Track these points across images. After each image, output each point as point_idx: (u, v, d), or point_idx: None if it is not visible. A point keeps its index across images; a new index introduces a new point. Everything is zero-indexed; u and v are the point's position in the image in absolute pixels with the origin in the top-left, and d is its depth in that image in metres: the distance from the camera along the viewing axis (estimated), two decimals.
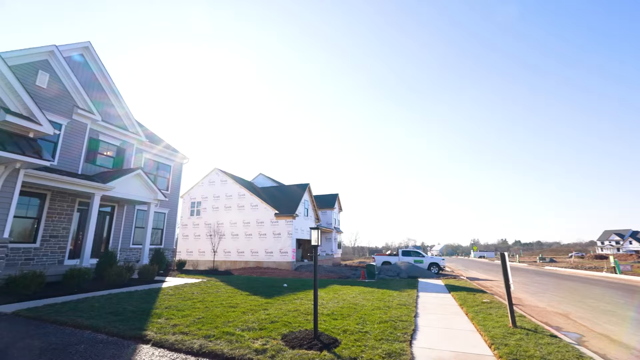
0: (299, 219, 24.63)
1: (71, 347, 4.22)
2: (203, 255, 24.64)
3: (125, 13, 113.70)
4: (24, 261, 10.50)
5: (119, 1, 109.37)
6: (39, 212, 11.08)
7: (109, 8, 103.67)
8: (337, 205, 39.38)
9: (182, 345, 4.39)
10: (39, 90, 10.88)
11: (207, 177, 26.78)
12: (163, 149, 17.15)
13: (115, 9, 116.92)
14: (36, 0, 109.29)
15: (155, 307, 6.76)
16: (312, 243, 5.21)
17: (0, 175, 7.15)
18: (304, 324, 5.75)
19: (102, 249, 13.33)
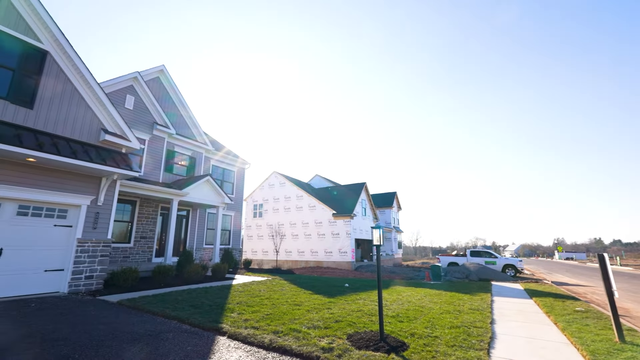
0: (357, 218, 24.45)
1: (163, 334, 4.76)
2: (266, 255, 25.99)
3: (179, 24, 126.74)
4: (122, 259, 12.28)
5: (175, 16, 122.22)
6: (131, 216, 12.87)
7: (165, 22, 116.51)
8: (396, 204, 38.16)
9: (254, 339, 4.64)
10: (127, 111, 12.64)
11: (266, 181, 28.22)
12: (227, 155, 18.55)
13: (169, 24, 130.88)
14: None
15: (227, 302, 7.30)
16: (374, 242, 5.08)
17: (103, 186, 8.47)
18: (368, 324, 5.64)
19: (180, 248, 14.93)
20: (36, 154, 6.78)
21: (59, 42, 7.88)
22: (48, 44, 7.82)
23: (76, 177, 8.05)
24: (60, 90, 7.94)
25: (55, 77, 7.90)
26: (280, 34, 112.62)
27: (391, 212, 36.10)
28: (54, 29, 7.77)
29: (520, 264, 19.28)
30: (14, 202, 7.11)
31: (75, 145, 7.80)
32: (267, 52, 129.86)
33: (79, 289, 7.80)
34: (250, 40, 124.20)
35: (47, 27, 7.71)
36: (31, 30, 7.57)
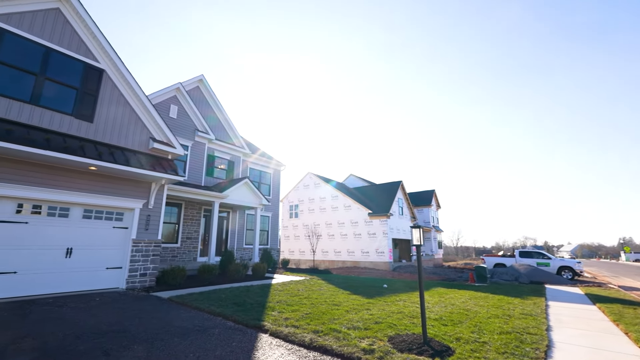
0: (394, 218, 23.90)
1: (209, 330, 5.02)
2: (303, 255, 26.35)
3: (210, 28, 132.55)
4: (171, 258, 13.16)
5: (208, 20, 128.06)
6: (178, 218, 13.75)
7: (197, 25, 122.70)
8: (435, 202, 36.71)
9: (295, 337, 4.72)
10: (171, 120, 13.54)
11: (301, 182, 28.63)
12: (263, 158, 19.12)
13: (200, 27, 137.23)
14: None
15: (268, 300, 7.50)
16: (414, 242, 4.92)
17: (153, 191, 9.16)
18: (410, 327, 5.47)
19: (222, 248, 15.66)
20: (96, 162, 7.51)
21: (113, 60, 8.67)
22: (104, 63, 8.63)
23: (130, 183, 8.78)
24: (114, 104, 8.72)
25: (110, 92, 8.69)
26: (311, 33, 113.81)
27: (430, 211, 34.79)
28: (108, 50, 8.55)
29: (579, 266, 17.54)
30: (81, 207, 7.94)
31: (128, 153, 8.52)
32: (298, 52, 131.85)
33: (134, 286, 8.49)
34: (280, 41, 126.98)
35: (103, 47, 8.51)
36: (90, 52, 8.41)
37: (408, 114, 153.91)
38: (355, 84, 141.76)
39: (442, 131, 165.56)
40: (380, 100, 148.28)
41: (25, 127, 6.91)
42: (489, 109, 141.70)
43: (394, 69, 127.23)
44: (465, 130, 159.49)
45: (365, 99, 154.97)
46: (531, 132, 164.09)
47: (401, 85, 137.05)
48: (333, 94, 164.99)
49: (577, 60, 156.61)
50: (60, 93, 7.76)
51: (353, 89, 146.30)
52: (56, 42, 7.81)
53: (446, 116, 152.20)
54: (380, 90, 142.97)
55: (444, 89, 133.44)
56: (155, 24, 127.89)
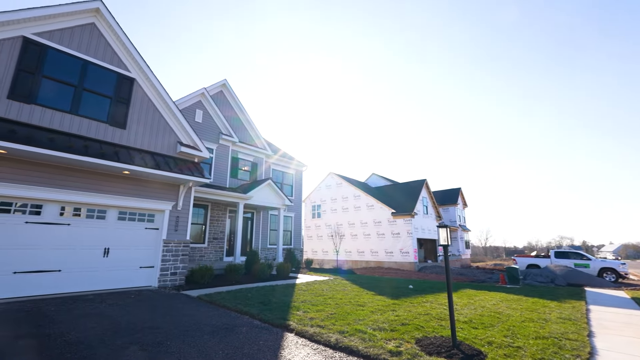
0: (418, 217, 23.38)
1: (237, 328, 5.15)
2: (326, 255, 26.38)
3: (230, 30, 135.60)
4: (198, 257, 13.62)
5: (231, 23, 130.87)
6: (204, 219, 14.20)
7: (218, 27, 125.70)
8: (461, 201, 35.55)
9: (320, 337, 4.72)
10: (197, 124, 14.02)
11: (323, 182, 28.68)
12: (285, 159, 19.34)
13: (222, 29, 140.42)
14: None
15: (293, 300, 7.57)
16: (441, 242, 4.77)
17: (181, 193, 9.52)
18: (438, 329, 5.32)
19: (247, 248, 15.99)
20: (130, 167, 7.92)
21: (142, 70, 9.10)
22: (135, 72, 9.09)
23: (160, 186, 9.18)
24: (144, 111, 9.16)
25: (141, 100, 9.13)
26: (329, 32, 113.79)
27: (456, 210, 33.71)
28: (138, 59, 9.00)
29: (624, 268, 16.30)
30: (116, 209, 8.41)
31: (158, 157, 8.92)
32: (317, 51, 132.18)
33: (166, 284, 8.87)
34: (300, 41, 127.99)
35: (134, 58, 8.96)
36: (122, 62, 8.88)
37: (432, 111, 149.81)
38: (376, 82, 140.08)
39: (469, 128, 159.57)
40: (402, 98, 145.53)
41: (66, 135, 7.42)
42: (520, 103, 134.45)
43: (415, 66, 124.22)
44: (493, 125, 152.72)
45: (387, 98, 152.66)
46: (566, 126, 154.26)
47: (424, 83, 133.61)
48: (354, 94, 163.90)
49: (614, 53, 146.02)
50: (96, 102, 8.26)
51: (374, 88, 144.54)
52: (92, 55, 8.32)
53: (472, 112, 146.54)
54: (402, 89, 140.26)
55: (470, 85, 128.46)
56: (179, 30, 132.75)
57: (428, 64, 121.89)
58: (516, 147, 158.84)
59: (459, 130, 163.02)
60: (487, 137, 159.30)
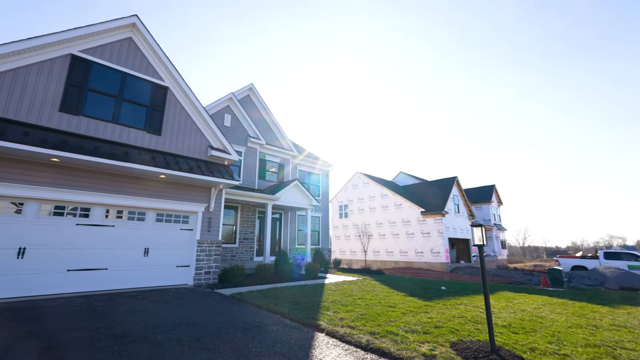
0: (449, 216, 22.56)
1: (268, 326, 5.25)
2: (354, 255, 26.22)
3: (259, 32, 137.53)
4: (230, 257, 14.07)
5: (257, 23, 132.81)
6: (234, 220, 14.65)
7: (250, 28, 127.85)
8: (495, 198, 33.87)
9: (351, 338, 4.70)
10: (226, 128, 14.50)
11: (350, 181, 28.53)
12: (311, 159, 19.46)
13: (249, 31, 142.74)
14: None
15: (322, 300, 7.60)
16: (475, 242, 4.57)
17: (213, 195, 9.90)
18: (474, 333, 5.10)
19: (276, 248, 16.28)
20: (166, 171, 8.36)
21: (175, 78, 9.58)
22: (168, 81, 9.58)
23: (193, 189, 9.60)
24: (177, 117, 9.62)
25: (174, 107, 9.61)
26: (353, 29, 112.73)
27: (490, 208, 32.15)
28: (171, 69, 9.47)
29: None
30: (154, 211, 8.91)
31: (191, 161, 9.33)
32: (338, 50, 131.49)
33: (200, 283, 9.25)
34: (322, 39, 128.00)
35: (167, 68, 9.46)
36: (156, 73, 9.40)
37: (461, 108, 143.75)
38: (402, 79, 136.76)
39: (502, 123, 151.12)
40: (430, 95, 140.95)
41: (109, 143, 7.98)
42: (558, 96, 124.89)
43: (442, 62, 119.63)
44: (528, 120, 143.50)
45: (414, 95, 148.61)
46: (617, 118, 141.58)
47: (452, 79, 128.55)
48: (378, 92, 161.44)
49: None
50: (134, 111, 8.81)
51: (400, 85, 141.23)
52: (130, 67, 8.88)
53: (506, 107, 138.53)
54: (430, 85, 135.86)
55: (502, 79, 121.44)
56: (206, 34, 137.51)
57: (455, 59, 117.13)
58: (559, 142, 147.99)
59: (491, 127, 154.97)
60: (523, 132, 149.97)
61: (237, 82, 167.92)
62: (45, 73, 7.47)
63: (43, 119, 7.26)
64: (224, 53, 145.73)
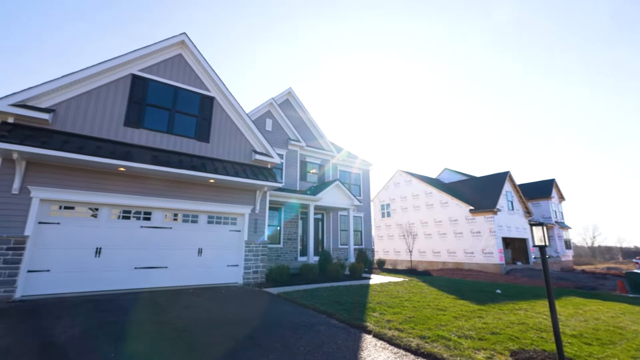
0: (502, 214, 20.97)
1: (315, 326, 5.33)
2: (399, 255, 25.52)
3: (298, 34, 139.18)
4: (275, 257, 14.52)
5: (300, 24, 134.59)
6: (278, 221, 15.10)
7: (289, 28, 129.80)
8: (556, 194, 30.78)
9: (400, 341, 4.58)
10: (267, 132, 15.02)
11: (391, 180, 27.86)
12: (351, 159, 19.37)
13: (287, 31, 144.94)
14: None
15: (368, 301, 7.52)
16: (536, 242, 4.19)
17: (258, 197, 10.32)
18: (537, 341, 4.68)
19: (319, 248, 16.46)
20: (215, 176, 8.90)
21: (220, 88, 10.16)
22: (214, 92, 10.20)
23: (239, 192, 10.09)
24: (223, 125, 10.20)
25: (220, 116, 10.20)
26: (391, 27, 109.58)
27: (549, 204, 29.25)
28: (216, 80, 10.07)
29: None
30: (205, 214, 9.54)
31: (237, 166, 9.83)
32: (379, 47, 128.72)
33: (249, 281, 9.69)
34: (356, 38, 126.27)
35: (212, 79, 10.07)
36: (203, 84, 10.06)
37: (513, 101, 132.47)
38: (443, 73, 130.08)
39: (558, 114, 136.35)
40: (476, 88, 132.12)
41: (164, 152, 8.71)
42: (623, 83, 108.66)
43: (487, 52, 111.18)
44: (591, 107, 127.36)
45: (458, 89, 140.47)
46: None
47: (500, 70, 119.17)
48: (419, 88, 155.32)
49: None
50: (185, 121, 9.50)
51: (442, 80, 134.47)
52: (180, 81, 9.61)
53: (564, 98, 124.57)
54: (475, 78, 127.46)
55: (561, 68, 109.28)
56: (247, 38, 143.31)
57: (503, 52, 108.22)
58: (628, 130, 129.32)
59: (544, 119, 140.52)
60: (587, 121, 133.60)
61: (275, 83, 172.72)
62: (112, 93, 8.39)
63: (111, 133, 8.16)
64: (263, 55, 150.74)
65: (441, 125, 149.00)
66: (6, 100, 6.85)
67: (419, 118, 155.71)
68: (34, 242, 6.99)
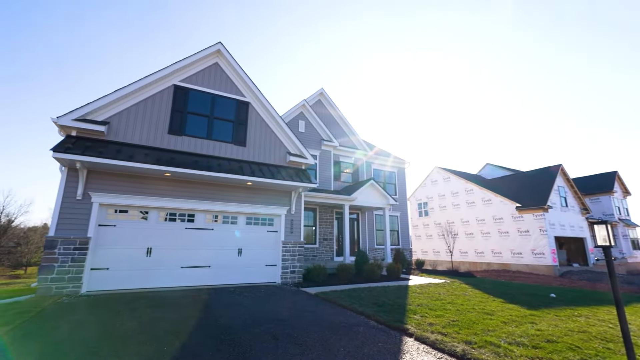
0: (554, 211, 19.29)
1: (354, 327, 5.28)
2: (438, 256, 24.52)
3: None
4: (311, 257, 14.65)
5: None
6: (314, 221, 15.22)
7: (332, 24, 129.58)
8: (619, 188, 27.72)
9: (444, 345, 4.38)
10: (300, 134, 15.21)
11: (428, 177, 26.85)
12: (385, 157, 18.98)
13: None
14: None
15: (407, 303, 7.30)
16: (599, 243, 3.78)
17: (293, 198, 10.48)
18: (603, 353, 4.22)
19: (355, 248, 16.32)
20: (252, 178, 9.20)
21: (255, 93, 10.48)
22: (249, 97, 10.55)
23: (275, 193, 10.33)
24: (259, 129, 10.50)
25: (255, 120, 10.52)
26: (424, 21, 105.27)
27: (611, 200, 26.36)
28: (251, 85, 10.41)
29: None
30: (244, 215, 9.89)
31: (272, 168, 10.07)
32: (411, 44, 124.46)
33: (287, 281, 9.87)
34: (388, 35, 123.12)
35: (247, 84, 10.42)
36: (239, 90, 10.44)
37: (565, 88, 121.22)
38: (480, 65, 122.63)
39: (622, 99, 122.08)
40: (521, 77, 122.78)
41: (204, 157, 9.18)
42: None
43: (534, 42, 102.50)
44: None
45: (499, 80, 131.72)
46: None
47: (547, 56, 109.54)
48: (455, 82, 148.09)
49: None
50: (222, 127, 9.94)
51: (479, 72, 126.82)
52: (217, 89, 10.06)
53: (626, 80, 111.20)
54: (519, 67, 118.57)
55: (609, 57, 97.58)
56: (279, 38, 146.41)
57: (555, 41, 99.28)
58: None
59: (604, 107, 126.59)
60: None
61: (308, 83, 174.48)
62: (157, 103, 9.02)
63: (157, 141, 8.77)
64: (296, 54, 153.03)
65: (481, 119, 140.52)
66: (70, 115, 7.64)
67: (455, 113, 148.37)
68: (95, 242, 7.72)
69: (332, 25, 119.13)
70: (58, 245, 7.20)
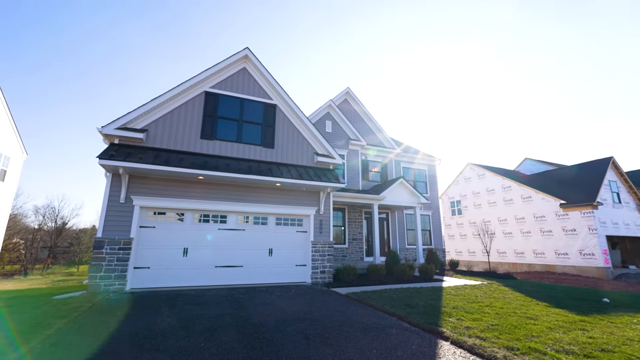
0: (605, 208, 17.70)
1: (386, 329, 5.17)
2: (473, 256, 23.42)
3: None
4: (341, 257, 14.59)
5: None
6: (343, 221, 15.15)
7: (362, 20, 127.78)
8: None
9: (483, 350, 4.16)
10: (327, 134, 15.21)
11: (461, 175, 25.76)
12: (415, 155, 18.46)
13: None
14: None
15: (442, 305, 7.03)
16: None
17: (321, 198, 10.51)
18: None
19: (385, 249, 16.03)
20: (281, 180, 9.34)
21: (281, 96, 10.65)
22: (276, 100, 10.73)
23: (304, 194, 10.41)
24: (286, 130, 10.65)
25: (282, 122, 10.67)
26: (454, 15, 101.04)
27: None
28: (278, 88, 10.58)
29: None
30: (273, 216, 10.07)
31: (300, 169, 10.16)
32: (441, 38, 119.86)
33: (317, 281, 9.91)
34: (416, 30, 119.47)
35: (274, 87, 10.61)
36: (266, 93, 10.66)
37: (611, 76, 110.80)
38: (514, 57, 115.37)
39: None
40: (562, 66, 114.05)
41: (235, 160, 9.46)
42: None
43: (572, 30, 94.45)
44: None
45: (537, 72, 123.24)
46: None
47: (594, 40, 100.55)
48: (486, 75, 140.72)
49: None
50: (251, 130, 10.19)
51: (513, 64, 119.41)
52: (246, 93, 10.34)
53: None
54: (559, 54, 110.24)
55: None
56: (306, 39, 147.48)
57: (593, 28, 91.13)
58: None
59: None
60: None
61: (334, 82, 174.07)
62: (190, 110, 9.45)
63: (191, 146, 9.19)
64: (322, 54, 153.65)
65: (518, 112, 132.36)
66: (112, 124, 8.22)
67: (488, 107, 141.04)
68: (137, 243, 8.23)
69: (355, 24, 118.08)
70: (105, 245, 7.78)
